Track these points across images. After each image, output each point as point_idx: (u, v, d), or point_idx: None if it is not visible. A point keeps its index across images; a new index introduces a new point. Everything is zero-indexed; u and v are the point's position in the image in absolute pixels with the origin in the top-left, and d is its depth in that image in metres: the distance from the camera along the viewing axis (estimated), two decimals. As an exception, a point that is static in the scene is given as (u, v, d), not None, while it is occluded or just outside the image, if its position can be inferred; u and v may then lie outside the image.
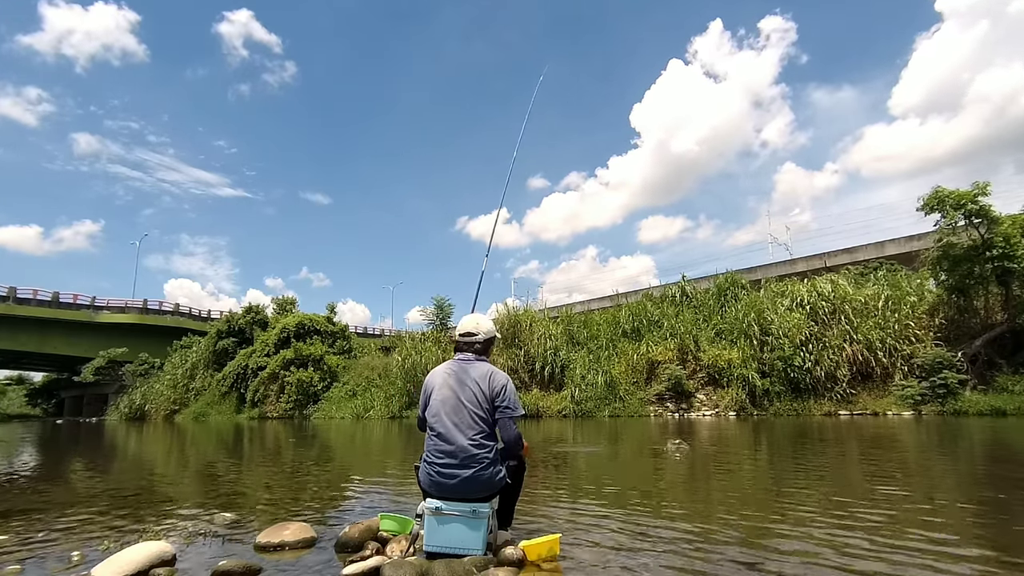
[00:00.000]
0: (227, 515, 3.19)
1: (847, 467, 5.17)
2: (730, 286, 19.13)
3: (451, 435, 2.22)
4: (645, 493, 3.85)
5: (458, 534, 2.14)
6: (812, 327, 14.84)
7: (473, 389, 2.29)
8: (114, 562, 2.05)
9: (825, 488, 3.86)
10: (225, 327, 34.47)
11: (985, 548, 2.29)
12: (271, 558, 2.29)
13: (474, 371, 2.35)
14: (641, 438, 9.06)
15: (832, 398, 13.96)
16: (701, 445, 7.57)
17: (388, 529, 2.48)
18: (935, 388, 12.44)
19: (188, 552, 2.41)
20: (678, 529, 2.69)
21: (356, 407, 23.28)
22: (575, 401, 16.91)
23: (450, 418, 2.26)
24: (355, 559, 2.13)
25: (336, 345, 30.21)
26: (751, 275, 24.07)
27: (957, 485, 4.06)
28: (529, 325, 20.27)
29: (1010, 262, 12.65)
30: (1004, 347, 13.25)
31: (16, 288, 41.46)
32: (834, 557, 2.16)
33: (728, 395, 15.16)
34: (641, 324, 18.86)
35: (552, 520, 2.93)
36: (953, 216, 13.22)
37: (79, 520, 3.21)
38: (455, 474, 2.18)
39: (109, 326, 44.50)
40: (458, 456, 2.19)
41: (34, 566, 2.25)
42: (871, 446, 6.96)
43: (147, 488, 4.80)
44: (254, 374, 29.19)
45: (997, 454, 6.11)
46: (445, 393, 2.31)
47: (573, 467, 5.65)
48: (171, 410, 33.30)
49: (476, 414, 2.25)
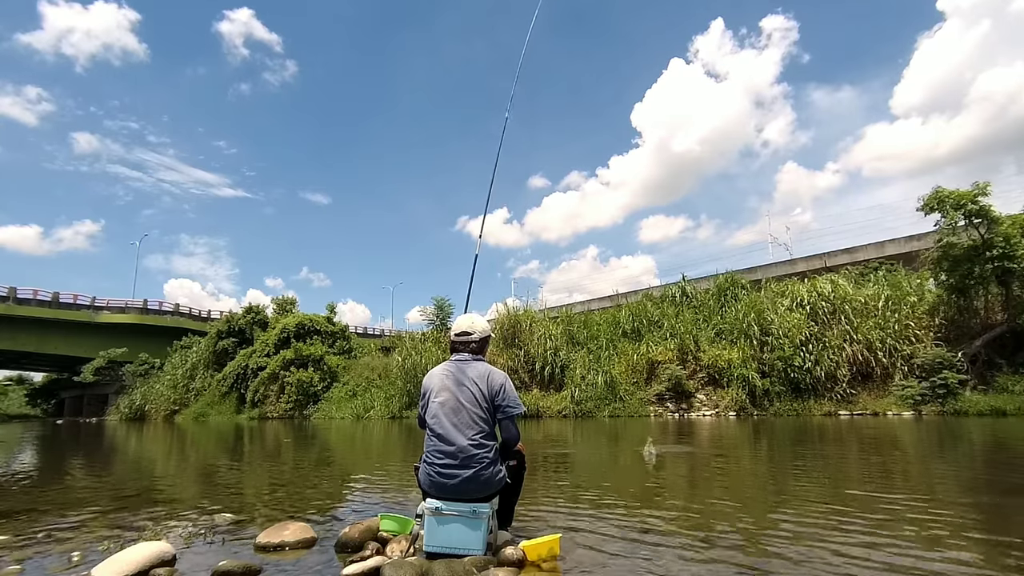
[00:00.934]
0: (227, 515, 3.19)
1: (847, 468, 5.17)
2: (730, 286, 19.13)
3: (451, 436, 2.22)
4: (645, 493, 3.86)
5: (458, 534, 2.14)
6: (812, 327, 14.84)
7: (472, 389, 2.29)
8: (114, 562, 2.05)
9: (825, 489, 3.86)
10: (225, 327, 34.45)
11: (985, 549, 2.29)
12: (271, 558, 2.29)
13: (472, 371, 2.35)
14: (631, 438, 9.06)
15: (832, 398, 13.95)
16: (701, 447, 7.57)
17: (388, 529, 2.48)
18: (935, 388, 12.43)
19: (188, 552, 2.41)
20: (678, 529, 2.69)
21: (356, 407, 23.28)
22: (575, 401, 16.90)
23: (449, 419, 2.26)
24: (355, 559, 2.13)
25: (336, 345, 30.21)
26: (751, 275, 24.07)
27: (957, 486, 4.06)
28: (529, 325, 20.26)
29: (1010, 262, 12.65)
30: (1004, 347, 13.24)
31: (16, 288, 41.48)
32: (834, 558, 2.16)
33: (728, 395, 15.15)
34: (641, 324, 18.86)
35: (552, 520, 2.93)
36: (953, 216, 13.22)
37: (79, 520, 3.21)
38: (455, 474, 2.18)
39: (109, 326, 44.50)
40: (458, 457, 2.19)
41: (34, 566, 2.25)
42: (871, 446, 6.96)
43: (147, 488, 4.80)
44: (254, 374, 29.18)
45: (997, 454, 6.11)
46: (444, 395, 2.31)
47: (573, 468, 5.65)
48: (171, 410, 33.29)
49: (475, 414, 2.25)
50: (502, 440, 2.37)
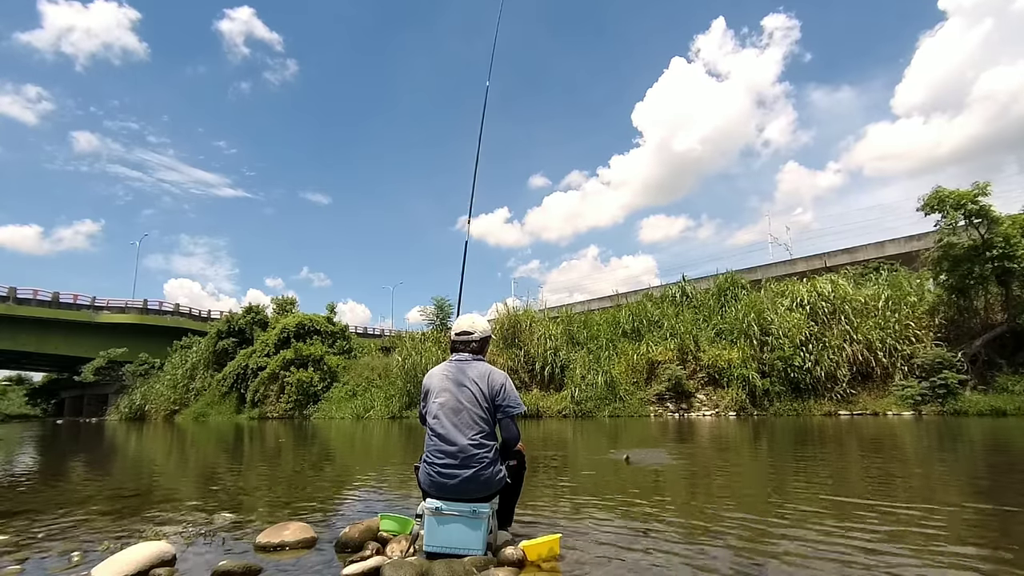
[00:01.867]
0: (227, 515, 3.20)
1: (847, 468, 5.17)
2: (730, 286, 19.13)
3: (451, 436, 2.23)
4: (645, 493, 3.85)
5: (458, 534, 2.14)
6: (812, 327, 14.84)
7: (472, 389, 2.30)
8: (114, 562, 2.05)
9: (824, 490, 3.86)
10: (225, 327, 34.44)
11: (984, 550, 2.29)
12: (271, 558, 2.29)
13: (472, 371, 2.36)
14: (630, 438, 9.06)
15: (832, 398, 13.95)
16: (700, 450, 7.57)
17: (388, 529, 2.48)
18: (935, 388, 12.43)
19: (188, 552, 2.41)
20: (678, 530, 2.69)
21: (356, 407, 23.28)
22: (575, 401, 16.90)
23: (449, 419, 2.26)
24: (355, 559, 2.13)
25: (336, 345, 30.22)
26: (751, 275, 24.07)
27: (957, 486, 4.06)
28: (529, 325, 20.26)
29: (1010, 262, 12.65)
30: (1004, 347, 13.24)
31: (16, 288, 41.47)
32: (833, 559, 2.16)
33: (728, 395, 15.15)
34: (641, 324, 18.86)
35: (552, 520, 2.93)
36: (953, 216, 13.22)
37: (79, 520, 3.21)
38: (455, 474, 2.18)
39: (109, 326, 44.49)
40: (458, 457, 2.19)
41: (34, 566, 2.26)
42: (871, 446, 6.96)
43: (147, 488, 4.80)
44: (254, 374, 29.18)
45: (997, 455, 6.11)
46: (444, 395, 2.32)
47: (573, 468, 5.64)
48: (171, 410, 33.29)
49: (476, 414, 2.26)
50: (502, 440, 2.37)
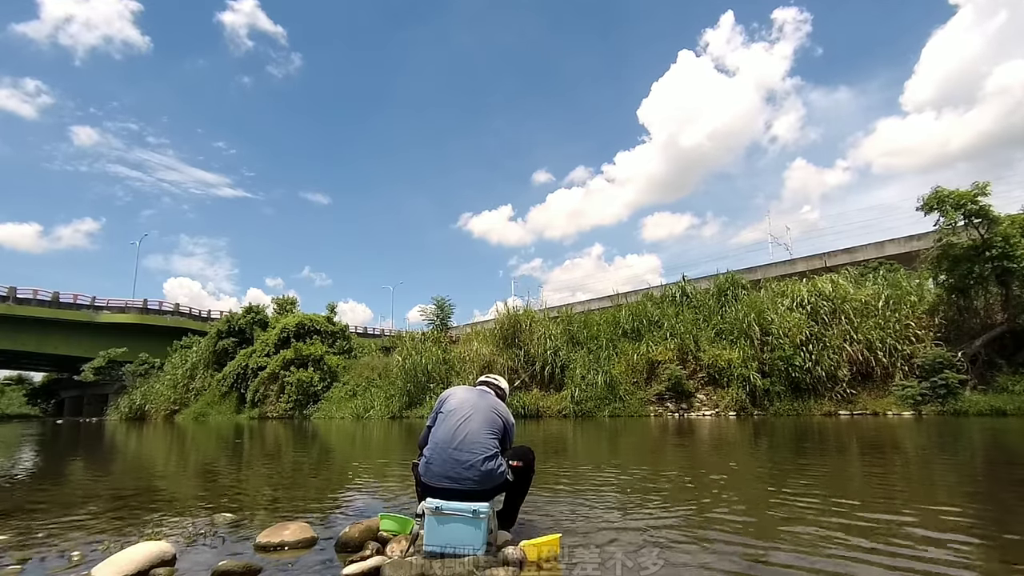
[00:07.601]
0: (227, 515, 3.19)
1: (847, 468, 5.17)
2: (730, 286, 19.11)
3: (457, 430, 2.32)
4: (645, 494, 3.85)
5: (458, 534, 2.14)
6: (812, 327, 14.83)
7: (491, 407, 2.52)
8: (114, 562, 2.05)
9: (825, 490, 3.86)
10: (225, 327, 34.43)
11: (984, 550, 2.29)
12: (271, 558, 2.30)
13: (493, 400, 2.64)
14: (629, 438, 9.05)
15: (832, 398, 13.94)
16: (700, 450, 7.57)
17: (388, 529, 2.48)
18: (935, 388, 12.43)
19: (188, 552, 2.41)
20: (678, 530, 2.69)
21: (356, 407, 23.27)
22: (575, 401, 16.89)
23: (458, 417, 2.37)
24: (355, 559, 2.13)
25: (336, 345, 30.20)
26: (751, 275, 24.04)
27: (957, 486, 4.06)
28: (529, 325, 20.25)
29: (1010, 262, 12.64)
30: (1004, 347, 13.23)
31: (16, 288, 41.49)
32: (833, 559, 2.16)
33: (728, 395, 15.15)
34: (641, 324, 18.84)
35: (552, 520, 2.93)
36: (953, 216, 13.21)
37: (79, 520, 3.21)
38: (456, 461, 2.25)
39: (109, 326, 44.49)
40: (461, 448, 2.29)
41: (34, 566, 2.26)
42: (871, 447, 6.96)
43: (147, 488, 4.80)
44: (254, 374, 29.18)
45: (996, 455, 6.11)
46: (463, 397, 2.53)
47: (573, 467, 5.65)
48: (171, 410, 33.28)
49: (489, 419, 2.43)
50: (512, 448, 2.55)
